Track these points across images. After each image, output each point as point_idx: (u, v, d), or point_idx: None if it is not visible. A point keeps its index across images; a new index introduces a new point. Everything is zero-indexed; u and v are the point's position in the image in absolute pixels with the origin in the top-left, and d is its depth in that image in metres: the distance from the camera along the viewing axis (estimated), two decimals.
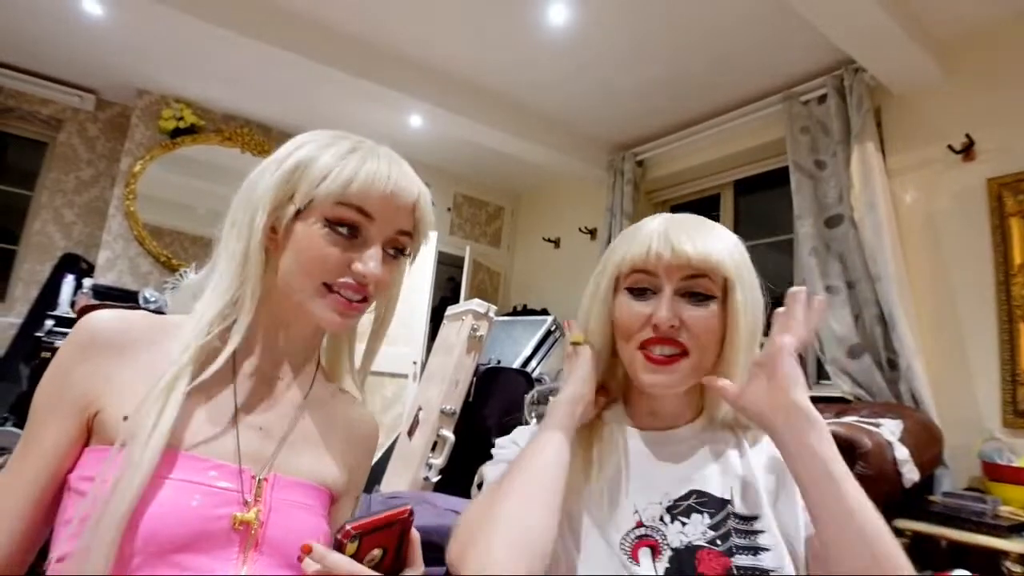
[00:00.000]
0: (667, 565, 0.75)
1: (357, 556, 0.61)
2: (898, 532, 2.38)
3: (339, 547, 0.60)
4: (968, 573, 2.02)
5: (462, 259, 5.06)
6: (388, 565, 0.66)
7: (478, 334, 3.07)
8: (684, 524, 0.78)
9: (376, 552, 0.64)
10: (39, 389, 0.71)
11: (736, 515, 0.79)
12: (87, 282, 4.00)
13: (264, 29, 3.40)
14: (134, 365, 0.71)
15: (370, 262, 0.76)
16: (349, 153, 0.77)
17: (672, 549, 0.76)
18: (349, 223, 0.75)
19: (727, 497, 0.81)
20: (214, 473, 0.69)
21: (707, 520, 0.78)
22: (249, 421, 0.76)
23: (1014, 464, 2.43)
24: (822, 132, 3.41)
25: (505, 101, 4.23)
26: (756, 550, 0.75)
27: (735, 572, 0.73)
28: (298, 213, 0.76)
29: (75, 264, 4.36)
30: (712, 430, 0.89)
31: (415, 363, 4.31)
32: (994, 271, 2.77)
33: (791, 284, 3.65)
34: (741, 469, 0.84)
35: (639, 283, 0.84)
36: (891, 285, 2.89)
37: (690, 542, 0.77)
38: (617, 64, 3.67)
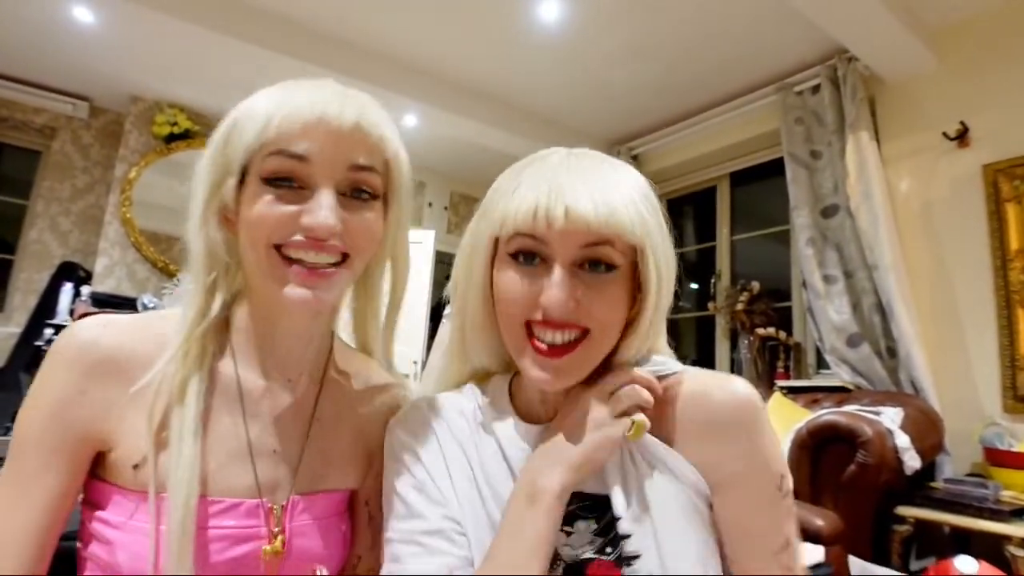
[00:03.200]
0: None
1: None
2: (900, 519, 2.39)
3: None
4: (971, 559, 2.03)
5: None
6: None
7: None
8: (568, 535, 0.66)
9: None
10: (28, 423, 0.63)
11: (614, 514, 0.65)
12: (85, 290, 3.99)
13: (256, 33, 3.40)
14: (134, 387, 0.64)
15: (319, 211, 0.62)
16: (277, 92, 0.66)
17: (564, 563, 0.65)
18: (284, 174, 0.63)
19: (608, 494, 0.66)
20: (235, 512, 0.66)
21: (593, 526, 0.66)
22: (262, 445, 0.70)
23: (1015, 449, 2.44)
24: (816, 122, 3.42)
25: (499, 99, 4.22)
26: (631, 558, 0.63)
27: None
28: (240, 184, 0.66)
29: (73, 272, 4.34)
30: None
31: (415, 362, 4.31)
32: (991, 257, 2.77)
33: (789, 275, 3.68)
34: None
35: (524, 248, 0.65)
36: (888, 274, 2.90)
37: (577, 555, 0.65)
38: (609, 60, 3.66)
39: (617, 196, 0.64)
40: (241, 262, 0.71)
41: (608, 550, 0.64)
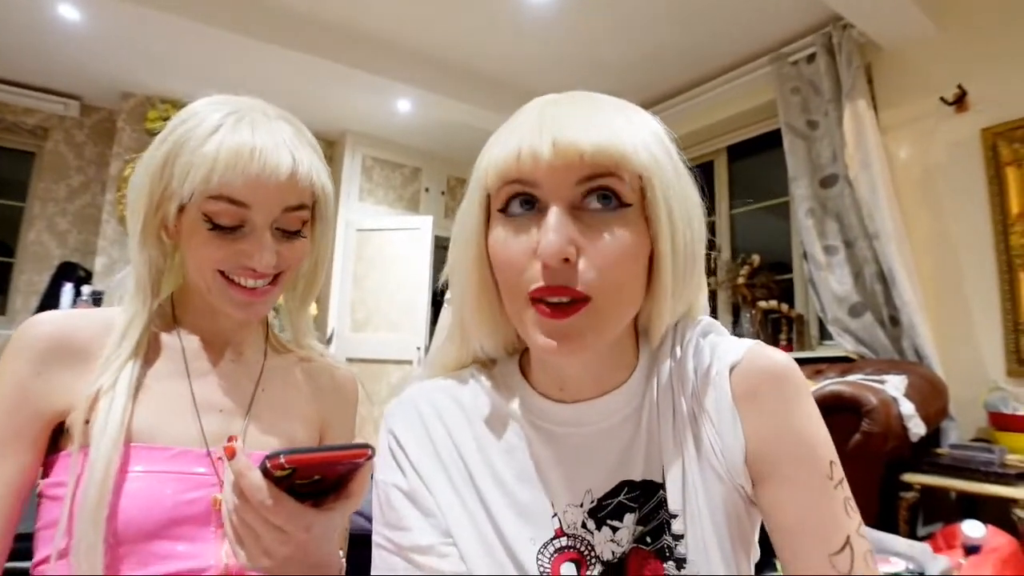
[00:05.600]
0: None
1: (285, 483, 0.52)
2: (907, 486, 2.40)
3: (265, 473, 0.51)
4: (979, 523, 2.04)
5: None
6: (317, 489, 0.56)
7: None
8: (615, 530, 0.58)
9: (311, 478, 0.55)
10: None
11: (666, 505, 0.58)
12: (86, 289, 4.00)
13: (247, 23, 3.37)
14: (89, 370, 0.71)
15: (259, 255, 0.71)
16: (212, 134, 0.70)
17: (603, 562, 0.57)
18: (226, 218, 0.71)
19: (657, 479, 0.58)
20: (182, 459, 0.70)
21: (637, 515, 0.58)
22: (209, 404, 0.76)
23: (1020, 413, 2.44)
24: (813, 92, 3.38)
25: (492, 80, 4.18)
26: (681, 560, 0.56)
27: None
28: (180, 208, 0.72)
29: (73, 272, 4.35)
30: (646, 375, 0.63)
31: (419, 348, 4.32)
32: (992, 222, 2.76)
33: (789, 248, 3.67)
34: (672, 414, 0.60)
35: (513, 195, 0.55)
36: (889, 242, 2.89)
37: (624, 552, 0.58)
38: (602, 37, 3.62)
39: (621, 121, 0.55)
40: (181, 263, 0.79)
41: (648, 540, 0.57)
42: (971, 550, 1.99)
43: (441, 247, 4.84)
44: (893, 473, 2.40)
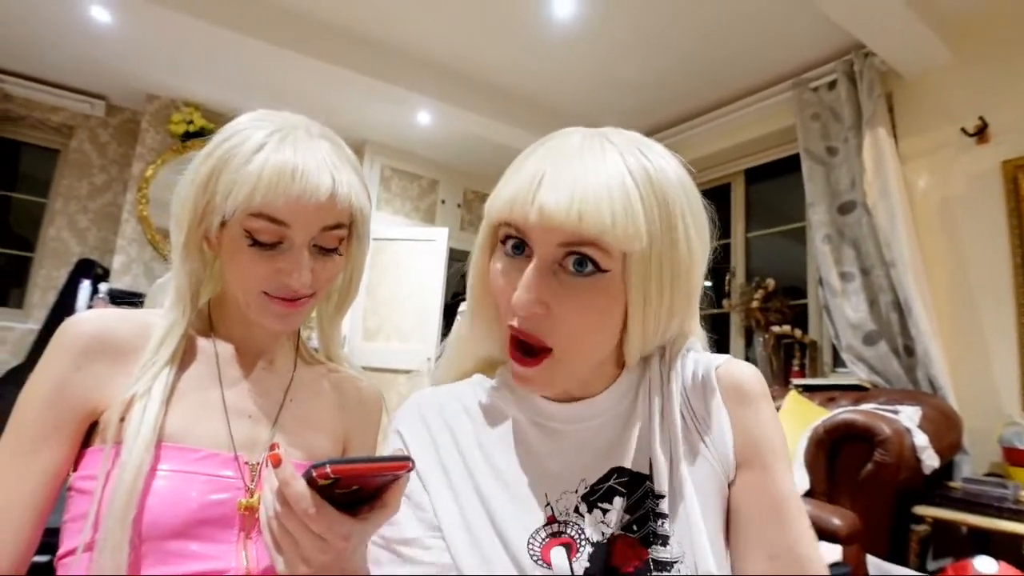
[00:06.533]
0: (587, 564, 0.60)
1: (325, 491, 0.53)
2: (918, 519, 2.37)
3: (309, 481, 0.52)
4: (991, 559, 2.01)
5: None
6: (355, 498, 0.57)
7: None
8: (606, 512, 0.63)
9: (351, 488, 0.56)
10: (28, 401, 0.70)
11: (654, 493, 0.63)
12: (103, 287, 4.04)
13: (271, 30, 3.42)
14: (126, 368, 0.73)
15: (297, 274, 0.73)
16: (256, 152, 0.71)
17: (592, 544, 0.62)
18: (266, 235, 0.72)
19: (645, 471, 0.64)
20: (211, 462, 0.72)
21: (625, 502, 0.63)
22: (238, 410, 0.78)
23: None
24: (833, 118, 3.38)
25: (513, 95, 4.22)
26: (666, 539, 0.61)
27: (651, 567, 0.60)
28: (223, 223, 0.74)
29: (90, 269, 4.39)
30: (636, 381, 0.70)
31: (429, 359, 4.32)
32: (1011, 254, 2.74)
33: (803, 273, 3.65)
34: (659, 417, 0.66)
35: (510, 236, 0.61)
36: (906, 271, 2.87)
37: (612, 533, 0.62)
38: (623, 56, 3.65)
39: (607, 193, 0.56)
40: (221, 273, 0.81)
41: (634, 527, 0.62)
42: None
43: (455, 259, 4.86)
44: (904, 505, 2.37)
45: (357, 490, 0.55)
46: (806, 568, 0.58)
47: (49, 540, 0.71)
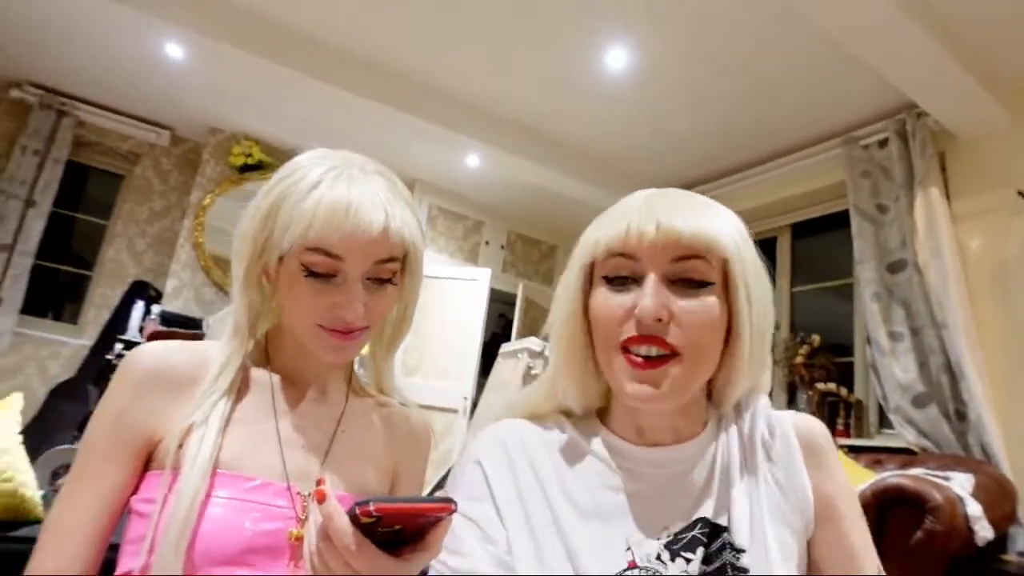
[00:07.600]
0: None
1: (368, 529, 0.54)
2: None
3: (352, 518, 0.53)
4: None
5: (514, 296, 5.10)
6: (397, 538, 0.57)
7: (533, 372, 3.08)
8: (688, 561, 0.64)
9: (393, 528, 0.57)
10: (94, 426, 0.74)
11: (732, 545, 0.64)
12: (155, 309, 4.17)
13: (331, 72, 3.58)
14: (183, 398, 0.75)
15: (351, 306, 0.75)
16: (312, 190, 0.74)
17: None
18: (322, 268, 0.75)
19: (723, 523, 0.66)
20: (264, 491, 0.73)
21: (704, 553, 0.64)
22: (292, 440, 0.80)
23: None
24: (883, 176, 3.37)
25: (561, 142, 4.30)
26: None
27: None
28: (280, 258, 0.77)
29: (144, 291, 4.54)
30: (715, 431, 0.73)
31: (465, 398, 4.33)
32: None
33: (849, 330, 3.59)
34: (739, 470, 0.69)
35: (619, 270, 0.67)
36: (958, 333, 2.81)
37: None
38: (673, 109, 3.70)
39: (709, 215, 0.67)
40: (279, 306, 0.84)
41: None
42: None
43: (496, 300, 4.89)
44: None
45: (400, 530, 0.55)
46: None
47: (110, 556, 0.73)
